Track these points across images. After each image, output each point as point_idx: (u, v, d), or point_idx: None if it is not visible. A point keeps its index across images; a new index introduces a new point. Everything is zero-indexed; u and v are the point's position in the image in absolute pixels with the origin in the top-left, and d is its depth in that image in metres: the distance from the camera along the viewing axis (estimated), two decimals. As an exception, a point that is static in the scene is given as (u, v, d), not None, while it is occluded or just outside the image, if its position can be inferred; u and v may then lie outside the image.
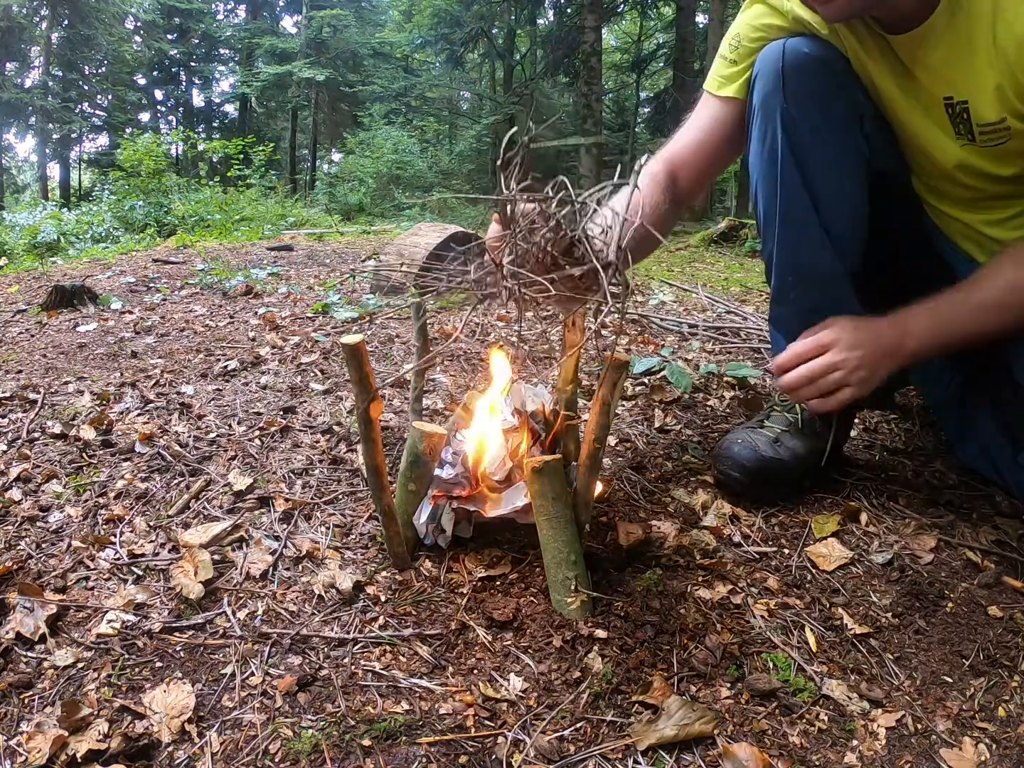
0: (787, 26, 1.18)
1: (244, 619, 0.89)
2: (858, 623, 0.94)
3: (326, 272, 3.91)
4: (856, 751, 0.76)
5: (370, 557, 1.02)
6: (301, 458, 1.30)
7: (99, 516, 1.11)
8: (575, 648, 0.86)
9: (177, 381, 1.73)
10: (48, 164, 21.73)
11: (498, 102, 18.54)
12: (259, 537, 1.05)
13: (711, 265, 4.94)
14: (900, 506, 1.19)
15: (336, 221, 9.92)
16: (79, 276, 3.70)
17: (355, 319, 2.46)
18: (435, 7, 15.22)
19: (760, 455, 1.14)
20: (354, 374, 0.86)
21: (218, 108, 27.14)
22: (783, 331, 1.26)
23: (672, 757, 0.73)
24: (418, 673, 0.82)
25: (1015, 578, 1.02)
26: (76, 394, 1.63)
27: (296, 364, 1.89)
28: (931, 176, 1.22)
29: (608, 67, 17.34)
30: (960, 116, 1.07)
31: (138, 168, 10.67)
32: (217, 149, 13.70)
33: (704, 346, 2.14)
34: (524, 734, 0.75)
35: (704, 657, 0.86)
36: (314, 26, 20.97)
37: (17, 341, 2.31)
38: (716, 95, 1.29)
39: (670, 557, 1.03)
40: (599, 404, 0.88)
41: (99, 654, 0.83)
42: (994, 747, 0.77)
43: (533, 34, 17.86)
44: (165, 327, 2.40)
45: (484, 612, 0.91)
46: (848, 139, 1.15)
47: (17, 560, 0.99)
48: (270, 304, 2.83)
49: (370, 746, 0.72)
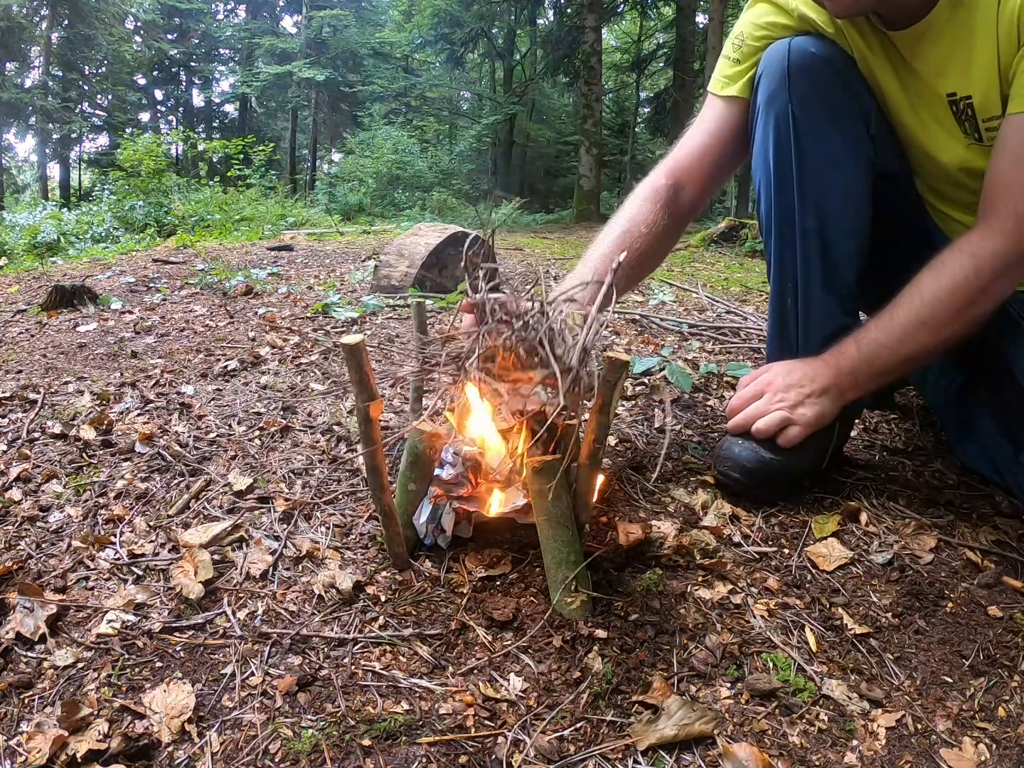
0: (792, 24, 1.18)
1: (244, 619, 0.89)
2: (858, 623, 0.94)
3: (326, 272, 3.91)
4: (856, 751, 0.76)
5: (370, 557, 1.02)
6: (301, 458, 1.30)
7: (99, 516, 1.11)
8: (575, 648, 0.86)
9: (177, 381, 1.73)
10: (48, 164, 21.73)
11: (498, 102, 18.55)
12: (259, 537, 1.05)
13: (711, 265, 4.94)
14: (900, 506, 1.19)
15: (336, 221, 9.93)
16: (79, 276, 3.70)
17: (355, 319, 2.46)
18: (435, 7, 15.22)
19: (760, 455, 1.14)
20: (354, 374, 0.86)
21: (218, 108, 27.17)
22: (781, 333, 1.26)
23: (672, 757, 0.73)
24: (418, 673, 0.82)
25: (1015, 578, 1.02)
26: (76, 394, 1.63)
27: (296, 364, 1.89)
28: (934, 178, 1.22)
29: (608, 67, 17.34)
30: (965, 113, 1.06)
31: (138, 168, 10.66)
32: (217, 149, 13.70)
33: (704, 346, 2.14)
34: (524, 734, 0.75)
35: (704, 657, 0.86)
36: (314, 26, 20.98)
37: (17, 341, 2.31)
38: (720, 95, 1.28)
39: (670, 557, 1.03)
40: (599, 404, 0.88)
41: (99, 654, 0.83)
42: (994, 747, 0.77)
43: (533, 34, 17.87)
44: (165, 327, 2.40)
45: (484, 612, 0.91)
46: (854, 140, 1.14)
47: (17, 560, 0.99)
48: (270, 304, 2.83)
49: (370, 746, 0.72)
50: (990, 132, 1.05)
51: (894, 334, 1.09)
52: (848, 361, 1.12)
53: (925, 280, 1.08)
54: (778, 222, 1.19)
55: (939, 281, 1.06)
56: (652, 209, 1.28)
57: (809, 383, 1.13)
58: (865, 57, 1.14)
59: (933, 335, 1.07)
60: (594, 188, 12.47)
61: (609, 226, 1.31)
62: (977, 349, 1.21)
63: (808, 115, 1.12)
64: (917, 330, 1.08)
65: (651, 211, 1.27)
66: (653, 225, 1.26)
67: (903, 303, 1.09)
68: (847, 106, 1.13)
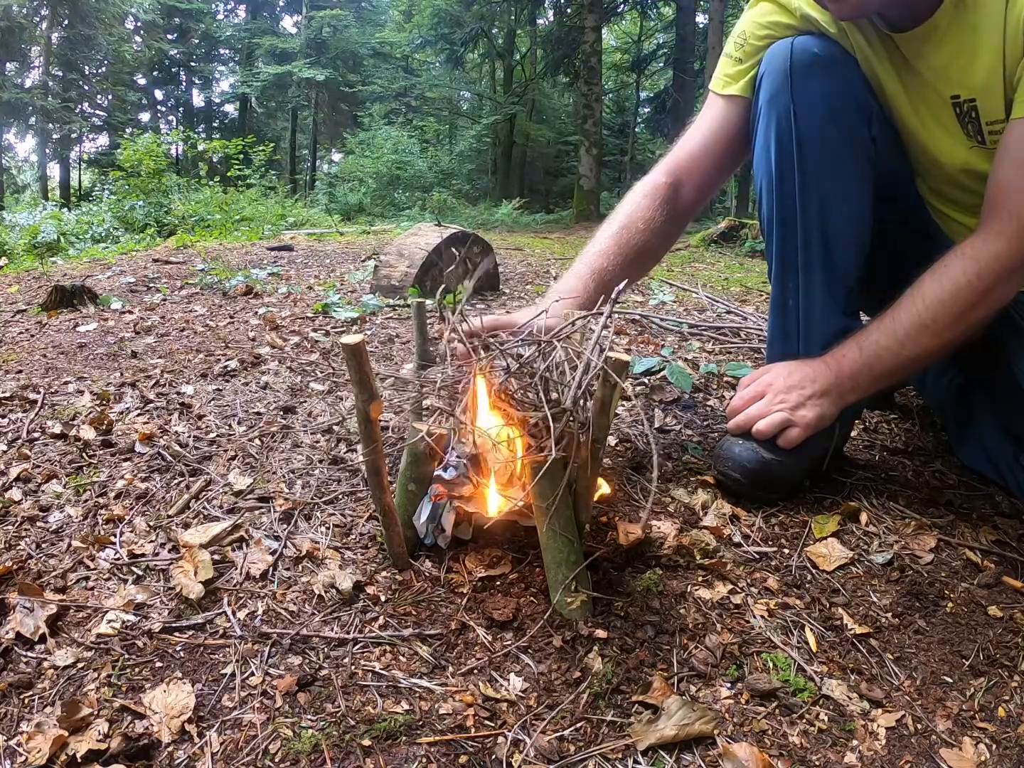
0: (795, 24, 1.18)
1: (244, 619, 0.89)
2: (858, 623, 0.94)
3: (326, 272, 3.91)
4: (856, 751, 0.76)
5: (370, 557, 1.02)
6: (301, 458, 1.30)
7: (99, 516, 1.11)
8: (575, 648, 0.86)
9: (177, 381, 1.73)
10: (48, 164, 21.75)
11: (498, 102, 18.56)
12: (259, 537, 1.05)
13: (711, 265, 4.94)
14: (900, 506, 1.19)
15: (336, 221, 9.93)
16: (79, 276, 3.69)
17: (355, 319, 2.46)
18: (435, 7, 15.23)
19: (760, 456, 1.14)
20: (354, 374, 0.86)
21: (218, 108, 27.18)
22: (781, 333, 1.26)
23: (672, 757, 0.73)
24: (418, 673, 0.82)
25: (1015, 578, 1.02)
26: (76, 394, 1.63)
27: (296, 364, 1.89)
28: (936, 179, 1.22)
29: (608, 67, 17.37)
30: (968, 115, 1.06)
31: (138, 168, 10.67)
32: (217, 149, 13.69)
33: (704, 346, 2.14)
34: (524, 734, 0.75)
35: (704, 657, 0.86)
36: (314, 26, 20.98)
37: (17, 341, 2.31)
38: (721, 94, 1.28)
39: (670, 557, 1.03)
40: (599, 404, 0.88)
41: (99, 654, 0.83)
42: (994, 747, 0.77)
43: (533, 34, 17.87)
44: (165, 327, 2.40)
45: (484, 612, 0.91)
46: (855, 140, 1.14)
47: (17, 560, 0.99)
48: (270, 304, 2.83)
49: (370, 746, 0.72)
50: (993, 136, 1.05)
51: (896, 337, 1.09)
52: (849, 363, 1.12)
53: (927, 283, 1.08)
54: (779, 222, 1.18)
55: (941, 284, 1.06)
56: (650, 206, 1.27)
57: (810, 385, 1.13)
58: (868, 58, 1.14)
59: (935, 338, 1.07)
60: (594, 188, 12.48)
61: (607, 223, 1.31)
62: (978, 350, 1.20)
63: (810, 115, 1.12)
64: (919, 333, 1.08)
65: (649, 208, 1.27)
66: (651, 222, 1.26)
67: (905, 306, 1.09)
68: (850, 106, 1.13)
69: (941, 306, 1.05)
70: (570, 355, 0.92)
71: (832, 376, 1.13)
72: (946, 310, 1.05)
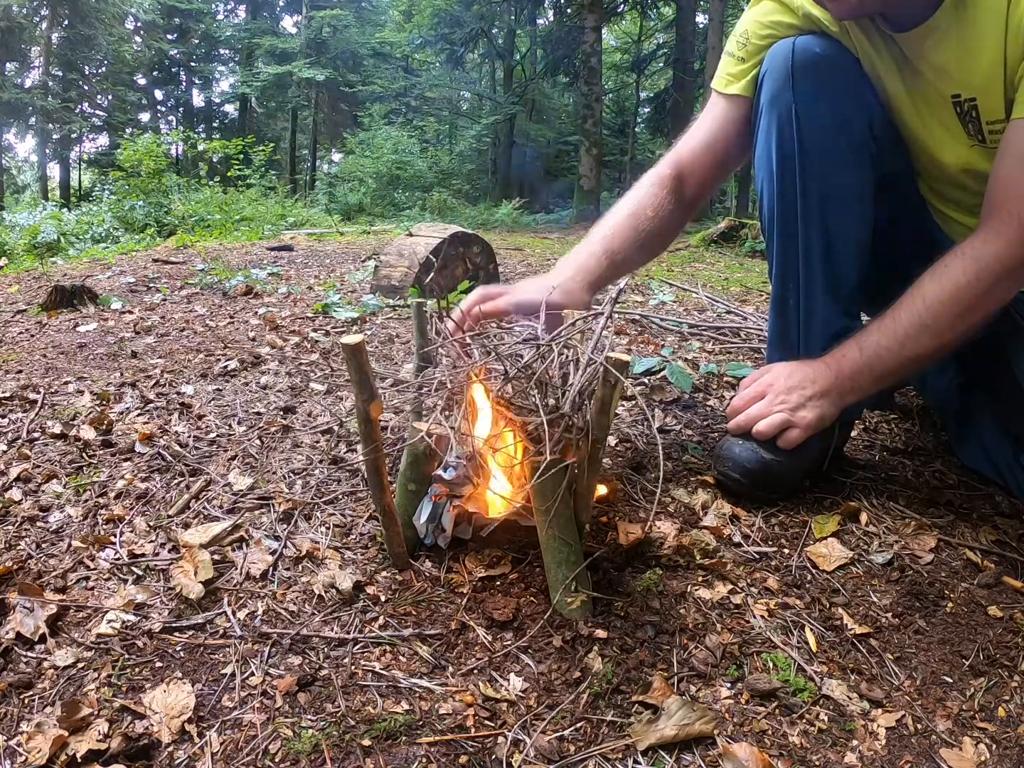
0: (797, 23, 1.18)
1: (244, 619, 0.89)
2: (858, 623, 0.94)
3: (326, 272, 3.91)
4: (856, 751, 0.76)
5: (370, 557, 1.02)
6: (301, 458, 1.30)
7: (99, 516, 1.11)
8: (575, 648, 0.86)
9: (177, 381, 1.73)
10: (48, 164, 21.75)
11: (498, 102, 18.56)
12: (259, 537, 1.05)
13: (711, 265, 4.94)
14: (900, 506, 1.19)
15: (336, 221, 9.93)
16: (79, 276, 3.69)
17: (355, 319, 2.46)
18: (435, 7, 15.25)
19: (760, 456, 1.14)
20: (354, 374, 0.86)
21: (218, 108, 27.18)
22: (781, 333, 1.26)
23: (672, 757, 0.73)
24: (418, 673, 0.82)
25: (1015, 578, 1.02)
26: (76, 394, 1.63)
27: (296, 364, 1.89)
28: (936, 179, 1.22)
29: (608, 67, 17.37)
30: (969, 115, 1.06)
31: (138, 168, 10.67)
32: (217, 149, 13.70)
33: (704, 346, 2.14)
34: (524, 734, 0.75)
35: (704, 657, 0.86)
36: (314, 26, 20.98)
37: (17, 341, 2.31)
38: (723, 93, 1.28)
39: (670, 557, 1.03)
40: (599, 404, 0.88)
41: (99, 654, 0.83)
42: (994, 747, 0.77)
43: (533, 34, 17.87)
44: (165, 327, 2.40)
45: (484, 612, 0.91)
46: (857, 140, 1.14)
47: (17, 560, 0.99)
48: (270, 304, 2.83)
49: (370, 746, 0.72)
50: (994, 135, 1.05)
51: (896, 337, 1.09)
52: (849, 364, 1.12)
53: (927, 283, 1.08)
54: (780, 222, 1.18)
55: (941, 284, 1.06)
56: (659, 194, 1.28)
57: (810, 385, 1.13)
58: (869, 57, 1.14)
59: (935, 338, 1.07)
60: (594, 188, 12.48)
61: (616, 208, 1.30)
62: (978, 350, 1.20)
63: (811, 115, 1.12)
64: (919, 333, 1.07)
65: (658, 195, 1.27)
66: (660, 209, 1.27)
67: (905, 306, 1.09)
68: (850, 106, 1.13)
69: (941, 306, 1.05)
70: (570, 356, 0.92)
71: (832, 376, 1.13)
72: (946, 310, 1.05)
